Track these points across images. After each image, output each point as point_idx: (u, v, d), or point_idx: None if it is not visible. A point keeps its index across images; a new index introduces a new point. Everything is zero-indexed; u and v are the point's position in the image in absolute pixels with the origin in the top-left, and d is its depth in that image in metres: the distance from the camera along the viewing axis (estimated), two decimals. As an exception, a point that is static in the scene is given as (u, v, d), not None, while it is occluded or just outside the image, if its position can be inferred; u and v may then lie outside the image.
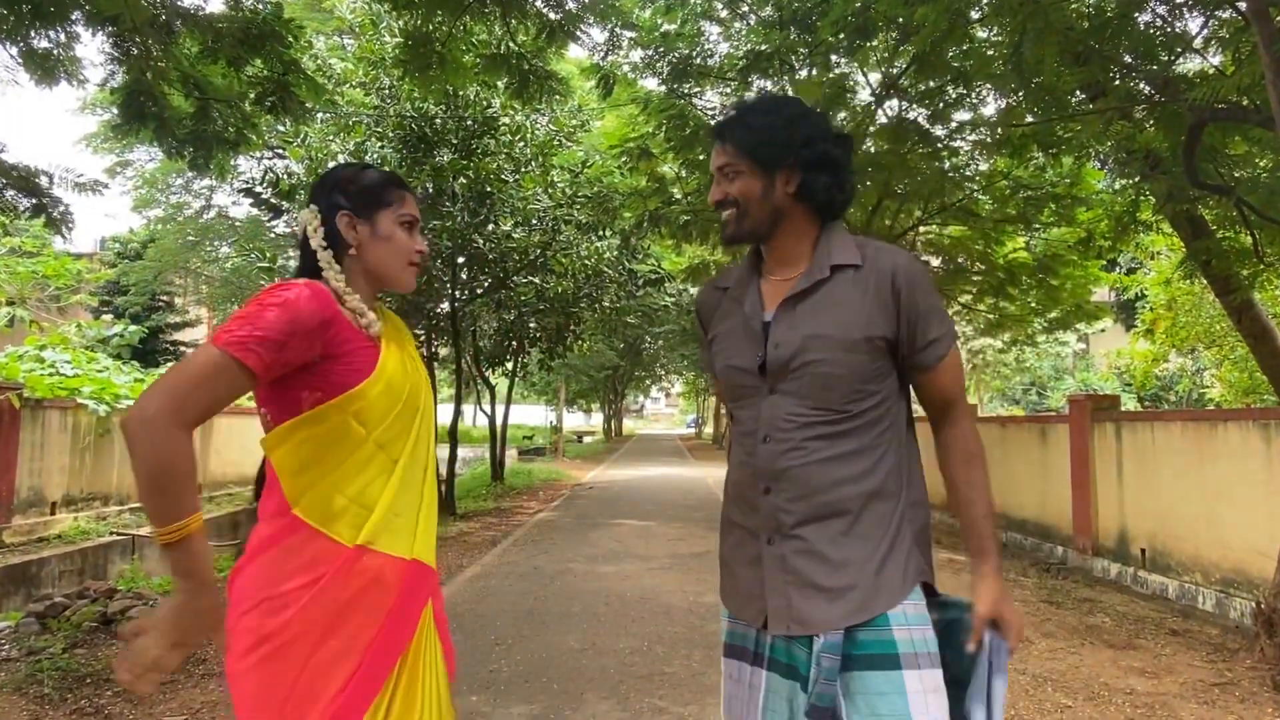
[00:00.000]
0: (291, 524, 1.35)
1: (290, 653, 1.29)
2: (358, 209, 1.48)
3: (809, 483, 1.42)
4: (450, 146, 9.25)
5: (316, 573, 1.32)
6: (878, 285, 1.43)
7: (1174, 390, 16.68)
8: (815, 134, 1.47)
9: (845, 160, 1.50)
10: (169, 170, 20.29)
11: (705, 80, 8.30)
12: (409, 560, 1.40)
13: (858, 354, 1.41)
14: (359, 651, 1.32)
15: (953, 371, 1.49)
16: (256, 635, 1.30)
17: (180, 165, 6.93)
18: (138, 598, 5.18)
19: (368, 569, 1.35)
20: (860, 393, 1.42)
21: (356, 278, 1.48)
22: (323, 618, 1.31)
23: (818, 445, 1.41)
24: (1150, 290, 12.31)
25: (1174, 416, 6.44)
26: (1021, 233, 9.65)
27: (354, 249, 1.48)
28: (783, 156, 1.45)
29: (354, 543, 1.34)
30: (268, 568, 1.34)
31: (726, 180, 1.50)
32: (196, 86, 5.41)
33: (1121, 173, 6.95)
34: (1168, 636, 4.98)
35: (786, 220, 1.49)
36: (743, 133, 1.47)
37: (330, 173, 1.54)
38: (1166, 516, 6.11)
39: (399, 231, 1.50)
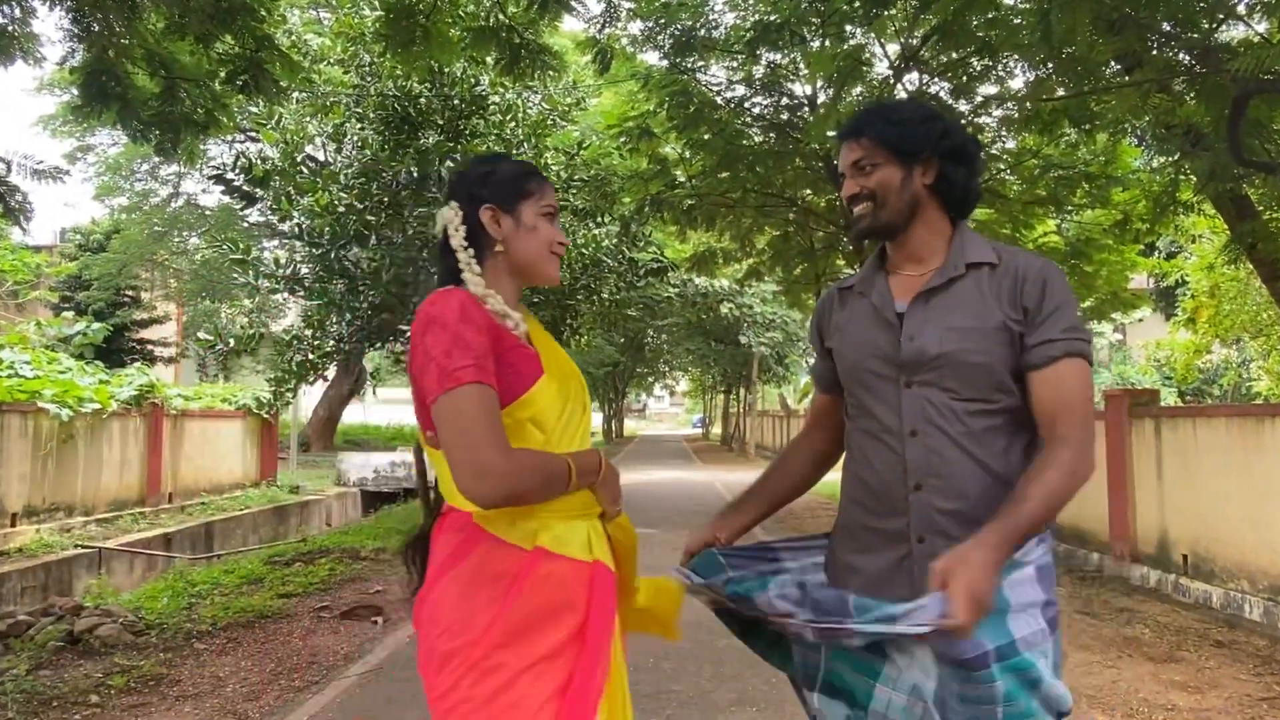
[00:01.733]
0: (472, 536, 1.42)
1: (491, 667, 1.34)
2: (501, 201, 1.54)
3: (964, 478, 1.47)
4: (436, 128, 9.24)
5: (503, 584, 1.38)
6: (1012, 280, 1.50)
7: (1218, 384, 16.67)
8: (953, 127, 1.58)
9: (979, 157, 1.62)
10: (134, 155, 20.30)
11: (710, 54, 8.29)
12: (590, 563, 1.45)
13: (998, 343, 1.47)
14: (566, 661, 1.37)
15: (1066, 385, 1.46)
16: (450, 658, 1.36)
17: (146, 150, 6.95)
18: (106, 615, 5.19)
19: (552, 574, 1.40)
20: (1005, 386, 1.48)
21: (500, 276, 1.54)
22: (517, 630, 1.35)
23: (970, 441, 1.48)
24: (1192, 276, 12.30)
25: (1218, 412, 6.44)
26: (1052, 215, 9.64)
27: (500, 244, 1.53)
28: (922, 147, 1.54)
29: (533, 546, 1.40)
30: (455, 585, 1.40)
31: (862, 174, 1.58)
32: (162, 65, 5.41)
33: (1160, 149, 6.94)
34: (1212, 648, 4.98)
35: (922, 212, 1.57)
36: (883, 126, 1.56)
37: (467, 167, 1.62)
38: (1210, 520, 6.11)
39: (541, 222, 1.56)
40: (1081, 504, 7.78)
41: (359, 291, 9.37)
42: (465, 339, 1.36)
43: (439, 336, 1.37)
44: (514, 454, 1.35)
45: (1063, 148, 8.27)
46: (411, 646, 4.93)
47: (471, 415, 1.32)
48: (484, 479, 1.31)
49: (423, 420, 1.45)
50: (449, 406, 1.33)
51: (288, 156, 9.29)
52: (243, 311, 23.73)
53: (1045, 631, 1.46)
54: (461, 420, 1.32)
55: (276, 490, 13.97)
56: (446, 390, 1.33)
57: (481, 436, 1.32)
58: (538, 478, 1.37)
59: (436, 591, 1.42)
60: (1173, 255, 14.71)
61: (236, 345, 9.55)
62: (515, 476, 1.33)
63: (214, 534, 11.00)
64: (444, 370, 1.34)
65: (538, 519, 1.42)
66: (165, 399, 11.66)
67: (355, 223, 8.92)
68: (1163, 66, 5.38)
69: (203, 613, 5.65)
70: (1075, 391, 1.47)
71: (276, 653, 4.85)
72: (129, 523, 10.32)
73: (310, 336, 9.74)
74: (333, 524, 14.14)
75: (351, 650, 4.93)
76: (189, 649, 4.88)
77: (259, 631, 5.28)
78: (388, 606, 5.96)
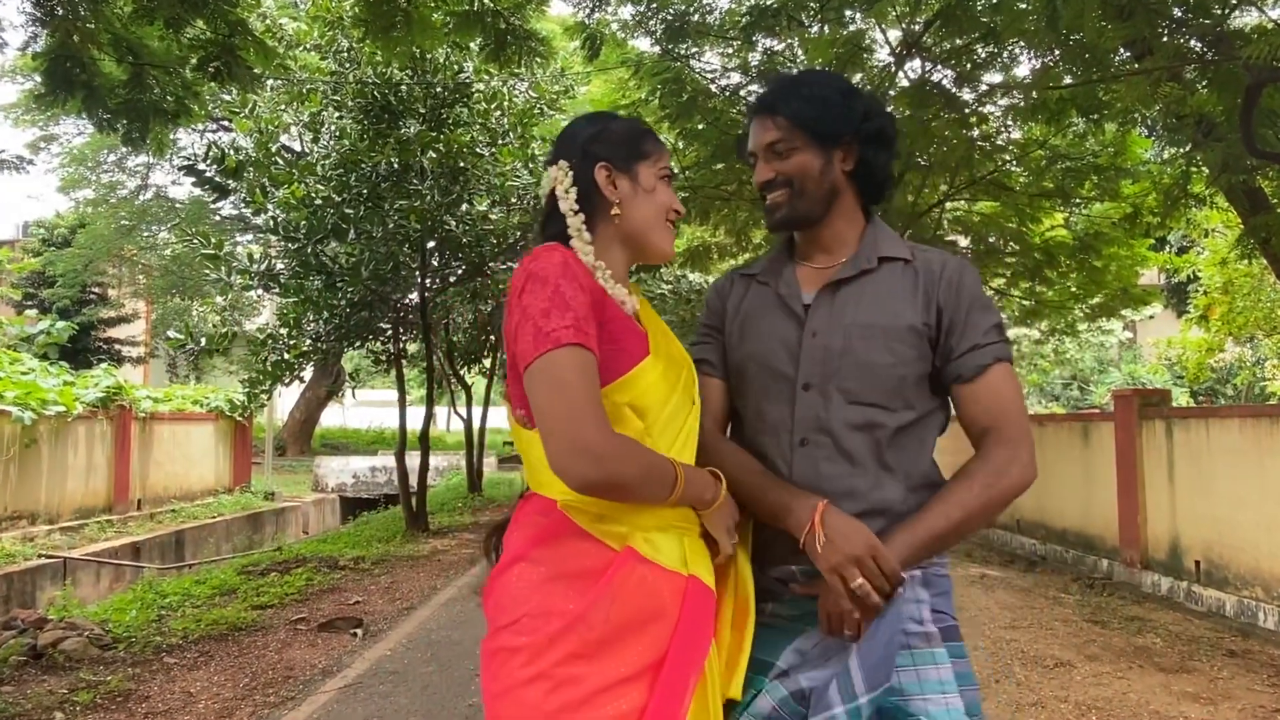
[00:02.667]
0: (557, 523, 1.33)
1: (565, 678, 1.24)
2: (618, 160, 1.46)
3: (853, 496, 1.41)
4: (418, 116, 9.23)
5: (586, 583, 1.28)
6: (925, 280, 1.46)
7: (1231, 383, 16.76)
8: (874, 106, 1.52)
9: (895, 139, 1.55)
10: (100, 146, 20.20)
11: (704, 40, 8.29)
12: (686, 575, 1.34)
13: (905, 345, 1.43)
14: (645, 679, 1.26)
15: (1002, 393, 1.42)
16: (518, 654, 1.26)
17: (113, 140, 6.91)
18: (71, 628, 5.16)
19: (645, 579, 1.30)
20: (908, 395, 1.44)
21: (610, 246, 1.46)
22: (600, 641, 1.26)
23: (864, 455, 1.42)
24: (1204, 272, 12.36)
25: (1231, 413, 6.47)
26: (1060, 208, 9.67)
27: (616, 208, 1.45)
28: (843, 130, 1.48)
29: (623, 546, 1.31)
30: (531, 574, 1.31)
31: (777, 158, 1.51)
32: (130, 50, 5.38)
33: (1171, 140, 6.98)
34: (1225, 658, 5.02)
35: (839, 201, 1.52)
36: (799, 104, 1.49)
37: (574, 125, 1.53)
38: (1223, 525, 6.15)
39: (661, 185, 1.49)
40: (1090, 508, 7.82)
41: (337, 288, 9.36)
42: (565, 296, 1.28)
43: (537, 294, 1.28)
44: (618, 435, 1.27)
45: (1070, 138, 8.29)
46: (392, 660, 4.93)
47: (571, 382, 1.24)
48: (581, 455, 1.22)
49: (514, 394, 1.36)
50: (545, 371, 1.25)
51: (262, 147, 9.27)
52: (215, 309, 23.67)
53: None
54: (559, 387, 1.24)
55: (251, 497, 13.93)
56: (543, 352, 1.25)
57: (581, 407, 1.23)
58: (640, 468, 1.27)
59: (509, 576, 1.32)
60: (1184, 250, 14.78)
61: (208, 345, 9.54)
62: (616, 459, 1.24)
63: (185, 543, 10.96)
64: (540, 331, 1.25)
65: (628, 523, 1.32)
66: (133, 401, 11.61)
67: (333, 216, 8.91)
68: (1173, 54, 5.41)
69: (173, 625, 5.62)
70: (1010, 399, 1.42)
71: (250, 667, 4.83)
72: (95, 531, 10.27)
73: (286, 335, 9.73)
74: (310, 532, 14.10)
75: (329, 664, 4.92)
76: (158, 664, 4.86)
77: (232, 645, 5.26)
78: (367, 618, 5.95)
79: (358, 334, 10.15)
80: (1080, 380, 22.83)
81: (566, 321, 1.26)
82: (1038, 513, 8.86)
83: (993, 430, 1.40)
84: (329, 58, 9.48)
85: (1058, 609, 6.30)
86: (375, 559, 8.34)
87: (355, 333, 10.05)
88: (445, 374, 14.20)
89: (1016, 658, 5.03)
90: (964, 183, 8.90)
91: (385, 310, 10.21)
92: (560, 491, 1.31)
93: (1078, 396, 22.35)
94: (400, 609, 6.36)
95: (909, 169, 8.40)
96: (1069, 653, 5.12)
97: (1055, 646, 5.27)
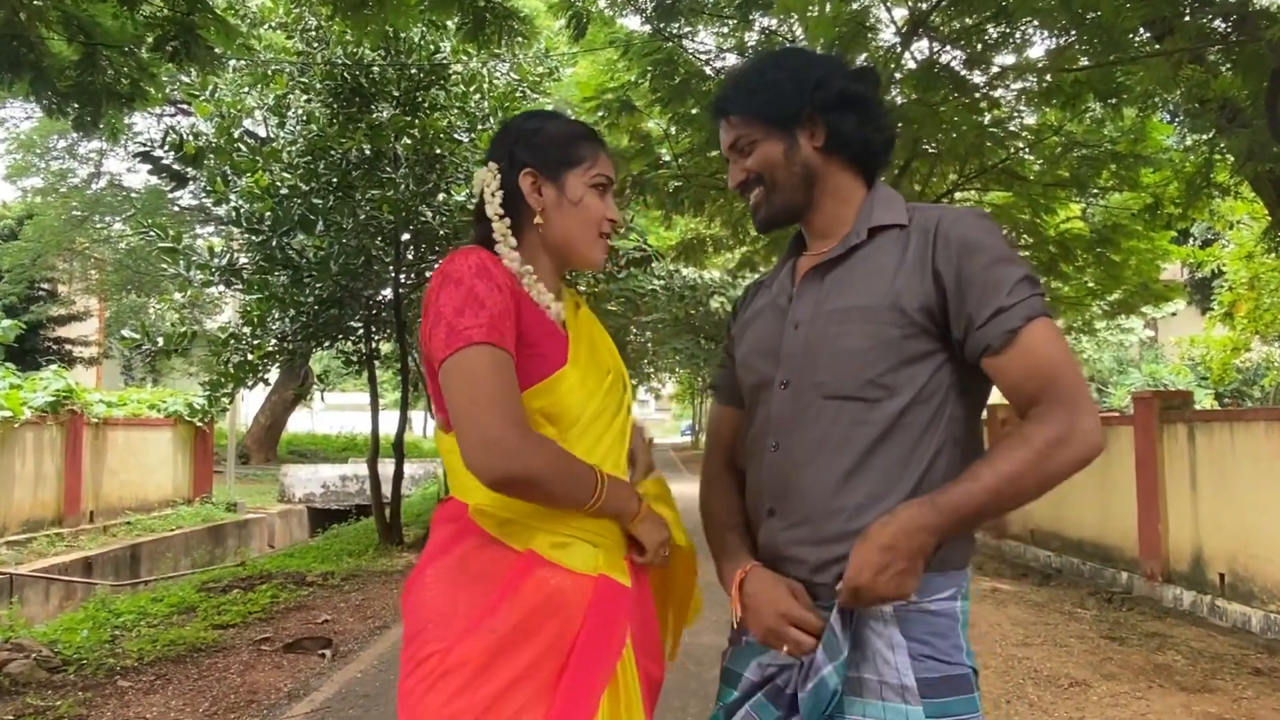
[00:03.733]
0: (464, 529, 1.41)
1: (459, 680, 1.31)
2: (544, 167, 1.50)
3: (820, 506, 1.36)
4: (391, 100, 9.21)
5: (489, 587, 1.36)
6: (918, 242, 1.37)
7: (1258, 385, 16.88)
8: (828, 72, 1.46)
9: (871, 95, 1.49)
10: (49, 131, 20.08)
11: (698, 19, 8.30)
12: (594, 576, 1.41)
13: (885, 326, 1.33)
14: (545, 686, 1.33)
15: (1043, 354, 1.27)
16: (425, 663, 1.34)
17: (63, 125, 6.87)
18: (17, 649, 5.14)
19: (546, 580, 1.37)
20: (887, 385, 1.33)
21: (537, 252, 1.51)
22: (495, 638, 1.33)
23: (834, 455, 1.35)
24: (1229, 266, 12.45)
25: (1258, 416, 6.51)
26: (1076, 199, 9.72)
27: (539, 216, 1.49)
28: (797, 107, 1.44)
29: (525, 548, 1.38)
30: (440, 580, 1.40)
31: (742, 156, 1.50)
32: (82, 29, 5.36)
33: (1193, 126, 7.02)
34: (1250, 677, 5.05)
35: (823, 181, 1.47)
36: (743, 96, 1.48)
37: (512, 123, 1.58)
38: (1249, 535, 6.19)
39: (589, 195, 1.51)
40: (1108, 518, 7.86)
41: (304, 284, 9.34)
42: (479, 296, 1.35)
43: (451, 294, 1.35)
44: (533, 433, 1.34)
45: (1087, 124, 8.34)
46: (363, 683, 4.92)
47: (482, 378, 1.30)
48: (492, 452, 1.29)
49: (437, 399, 1.42)
50: (457, 368, 1.31)
51: (224, 132, 9.23)
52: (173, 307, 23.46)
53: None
54: (471, 383, 1.30)
55: (212, 508, 13.88)
56: (455, 350, 1.31)
57: (491, 403, 1.29)
58: (556, 466, 1.34)
59: (421, 582, 1.41)
60: (1208, 243, 14.88)
61: (166, 345, 9.50)
62: (530, 455, 1.31)
63: (141, 557, 10.92)
64: (453, 329, 1.32)
65: (536, 530, 1.39)
66: (85, 405, 11.55)
67: (300, 206, 8.89)
68: (1196, 34, 5.45)
69: (127, 646, 5.60)
70: (1057, 359, 1.28)
71: (211, 690, 4.81)
72: (45, 545, 10.22)
73: (249, 335, 9.70)
74: (276, 545, 14.06)
75: (295, 687, 4.90)
76: (111, 687, 4.84)
77: (191, 667, 5.24)
78: (337, 638, 5.93)
79: (327, 333, 10.13)
80: (1098, 381, 22.94)
81: (481, 320, 1.33)
82: (1053, 522, 8.90)
83: (1043, 397, 1.27)
84: (295, 37, 9.45)
85: (1073, 625, 6.33)
86: (346, 574, 8.32)
87: (324, 332, 10.02)
88: (420, 375, 14.17)
89: (1029, 677, 5.05)
90: (974, 171, 8.94)
91: (356, 307, 10.18)
92: (474, 498, 1.39)
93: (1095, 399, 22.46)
94: (372, 628, 6.34)
95: (916, 156, 8.43)
96: (1085, 671, 5.15)
97: (1070, 665, 5.30)
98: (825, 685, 1.27)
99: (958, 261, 1.32)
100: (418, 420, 25.81)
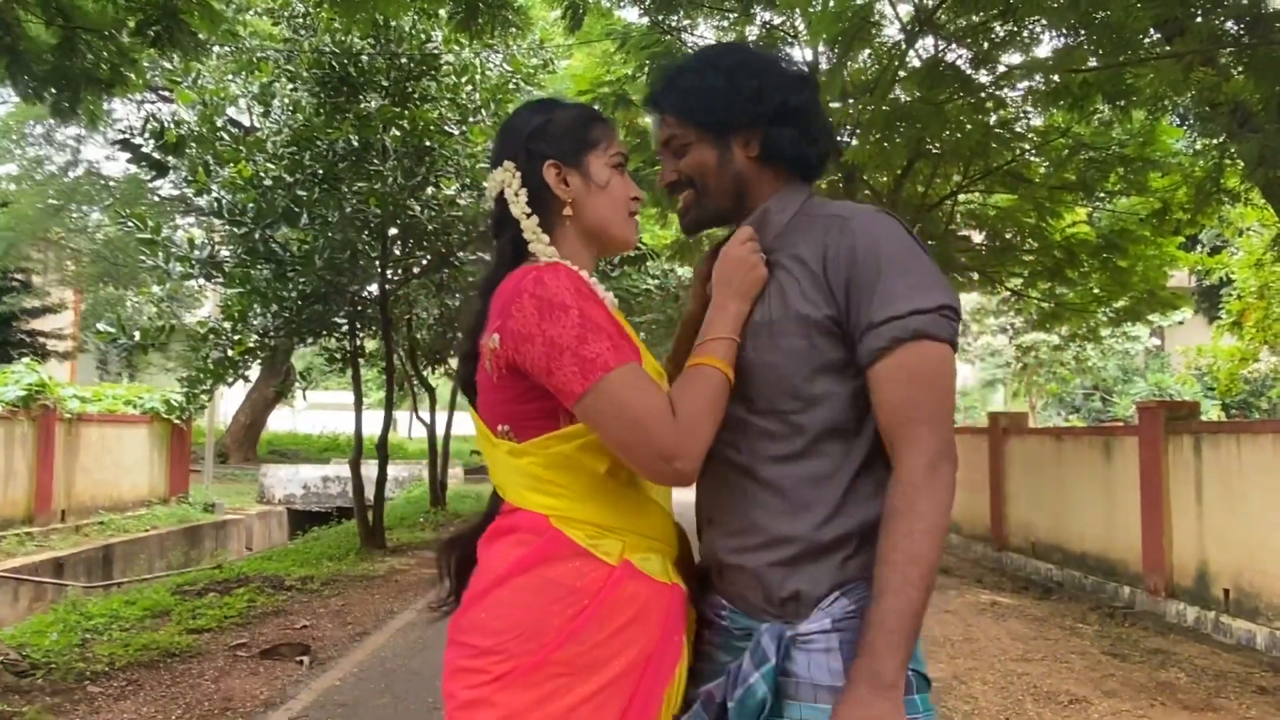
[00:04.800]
0: (552, 541, 1.39)
1: (555, 691, 1.33)
2: (565, 155, 1.49)
3: (747, 517, 1.42)
4: (380, 90, 9.20)
5: (580, 600, 1.36)
6: (818, 249, 1.39)
7: (1266, 396, 16.95)
8: (767, 83, 1.46)
9: (810, 106, 1.49)
10: (25, 116, 20.01)
11: (697, 11, 8.32)
12: (669, 585, 1.44)
13: (795, 338, 1.37)
14: (626, 699, 1.36)
15: (899, 385, 1.31)
16: (504, 677, 1.34)
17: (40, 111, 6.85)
18: (-16, 652, 5.11)
19: (636, 595, 1.39)
20: (805, 396, 1.37)
21: (573, 246, 1.50)
22: (585, 648, 1.34)
23: (760, 462, 1.41)
24: (1238, 274, 12.49)
25: (1265, 428, 6.55)
26: (1083, 203, 9.76)
27: (569, 207, 1.49)
28: (732, 116, 1.45)
29: (620, 560, 1.39)
30: (520, 595, 1.37)
31: (675, 157, 1.51)
32: (60, 13, 5.34)
33: (1203, 130, 7.05)
34: (1254, 695, 5.07)
35: (755, 189, 1.49)
36: (679, 97, 1.49)
37: (515, 120, 1.56)
38: (1256, 550, 6.21)
39: (614, 175, 1.51)
40: (1111, 531, 7.88)
41: (287, 278, 9.31)
42: (593, 318, 1.35)
43: (562, 322, 1.33)
44: (680, 414, 1.34)
45: (1095, 126, 8.37)
46: (341, 691, 4.90)
47: (630, 401, 1.32)
48: (672, 460, 1.32)
49: (504, 414, 1.43)
50: (603, 398, 1.32)
51: (206, 120, 9.21)
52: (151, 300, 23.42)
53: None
54: (622, 409, 1.32)
55: (188, 508, 13.82)
56: (594, 381, 1.31)
57: (650, 421, 1.32)
58: (712, 411, 1.36)
59: (495, 596, 1.38)
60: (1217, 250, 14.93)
61: (143, 339, 9.46)
62: (694, 440, 1.33)
63: (114, 558, 10.86)
64: (583, 360, 1.32)
65: (623, 539, 1.41)
66: (58, 401, 11.50)
67: (284, 198, 8.86)
68: (1207, 35, 5.47)
69: (99, 650, 5.57)
70: (913, 397, 1.30)
71: (184, 697, 4.79)
72: (14, 544, 10.16)
73: (230, 330, 9.67)
74: (254, 548, 14.01)
75: (272, 694, 4.89)
76: (81, 692, 4.81)
77: (164, 672, 5.22)
78: (315, 645, 5.91)
79: (310, 329, 10.10)
80: (1103, 391, 23.01)
81: (605, 344, 1.33)
82: (1054, 534, 8.92)
83: (892, 445, 1.32)
84: (282, 23, 9.43)
85: (1074, 640, 6.34)
86: (325, 579, 8.30)
87: (307, 328, 10.00)
88: (407, 375, 14.14)
89: (1028, 693, 5.06)
90: (979, 173, 8.96)
91: (341, 303, 10.16)
92: (548, 506, 1.39)
93: (1099, 408, 22.53)
94: (352, 634, 6.32)
95: (920, 157, 8.45)
96: (1085, 688, 5.16)
97: (1071, 681, 5.31)
98: (753, 693, 1.31)
99: (845, 270, 1.34)
100: (402, 421, 25.72)
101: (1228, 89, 5.88)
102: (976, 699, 4.96)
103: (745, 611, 1.43)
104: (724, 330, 1.41)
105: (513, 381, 1.40)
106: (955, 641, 6.25)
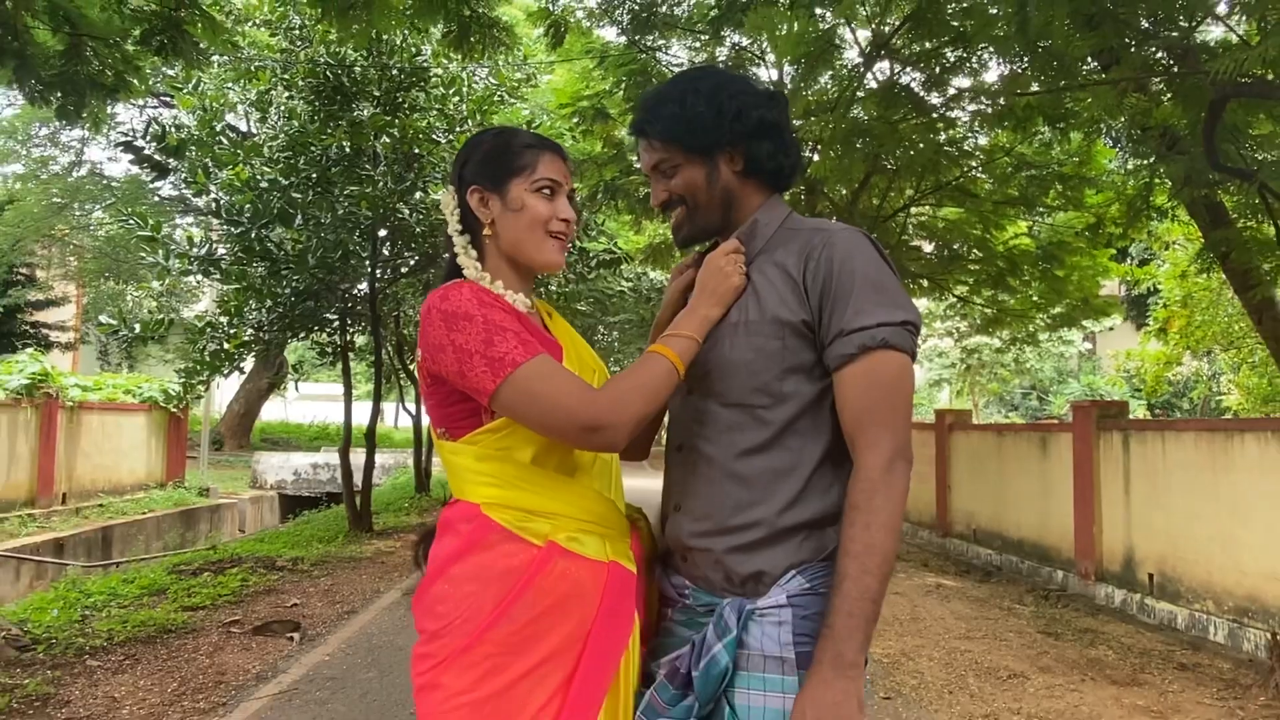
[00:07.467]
0: (481, 528, 1.41)
1: (493, 669, 1.34)
2: (486, 181, 1.53)
3: (713, 503, 1.43)
4: (372, 99, 9.11)
5: (512, 581, 1.38)
6: (797, 257, 1.43)
7: (1188, 397, 17.25)
8: (745, 103, 1.49)
9: (784, 120, 1.54)
10: (32, 118, 19.64)
11: (671, 32, 8.31)
12: (606, 563, 1.43)
13: (770, 338, 1.40)
14: (565, 674, 1.37)
15: (862, 389, 1.34)
16: (448, 660, 1.36)
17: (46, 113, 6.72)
18: (-14, 627, 5.02)
19: (566, 573, 1.39)
20: (774, 392, 1.40)
21: (495, 263, 1.55)
22: (517, 626, 1.36)
23: (727, 453, 1.42)
24: (1164, 285, 12.69)
25: (1187, 426, 6.65)
26: (1024, 216, 9.86)
27: (488, 228, 1.53)
28: (718, 136, 1.48)
29: (546, 541, 1.40)
30: (460, 581, 1.40)
31: (665, 178, 1.53)
32: (68, 20, 5.24)
33: (1135, 151, 7.14)
34: (1175, 671, 5.15)
35: (740, 201, 1.53)
36: (665, 123, 1.50)
37: (464, 145, 1.61)
38: (1177, 538, 6.32)
39: (531, 199, 1.52)
40: (1047, 519, 7.98)
41: (281, 275, 9.21)
42: (496, 322, 1.38)
43: (467, 330, 1.37)
44: (610, 388, 1.38)
45: (1036, 146, 8.47)
46: (330, 665, 4.86)
47: (541, 388, 1.35)
48: (597, 430, 1.34)
49: (434, 416, 1.48)
50: (516, 392, 1.35)
51: (206, 125, 9.09)
52: (151, 295, 23.16)
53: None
54: (536, 397, 1.35)
55: (184, 492, 13.65)
56: (504, 378, 1.35)
57: (567, 401, 1.34)
58: (644, 388, 1.38)
59: (438, 585, 1.42)
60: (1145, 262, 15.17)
61: (143, 332, 9.32)
62: (623, 406, 1.35)
63: (113, 539, 10.70)
64: (491, 360, 1.35)
65: (552, 522, 1.42)
66: (61, 389, 11.31)
67: (279, 200, 8.76)
68: (1140, 64, 5.54)
69: (97, 626, 5.48)
70: (871, 401, 1.34)
71: (180, 671, 4.73)
72: (16, 525, 9.99)
73: (226, 324, 9.54)
74: (247, 530, 13.87)
75: (264, 669, 4.83)
76: (81, 666, 4.73)
77: (160, 648, 5.14)
78: (305, 622, 5.86)
79: (302, 324, 9.99)
80: (1040, 390, 23.31)
81: (511, 341, 1.37)
82: (994, 522, 9.02)
83: (853, 443, 1.35)
84: (279, 34, 9.32)
85: (1012, 620, 6.42)
86: (315, 560, 8.22)
87: (300, 323, 9.89)
88: (394, 368, 14.05)
89: (970, 668, 5.11)
90: (930, 187, 9.03)
91: (332, 300, 10.06)
92: (482, 496, 1.43)
93: (1037, 406, 22.82)
94: (340, 612, 6.27)
95: (875, 171, 8.50)
96: (1023, 664, 5.22)
97: (1009, 658, 5.37)
98: (716, 663, 1.34)
99: (823, 282, 1.38)
100: (389, 411, 25.57)
101: (1158, 114, 5.97)
102: (923, 674, 5.01)
103: (708, 590, 1.45)
104: (688, 329, 1.44)
105: (438, 388, 1.46)
106: (903, 620, 6.31)
